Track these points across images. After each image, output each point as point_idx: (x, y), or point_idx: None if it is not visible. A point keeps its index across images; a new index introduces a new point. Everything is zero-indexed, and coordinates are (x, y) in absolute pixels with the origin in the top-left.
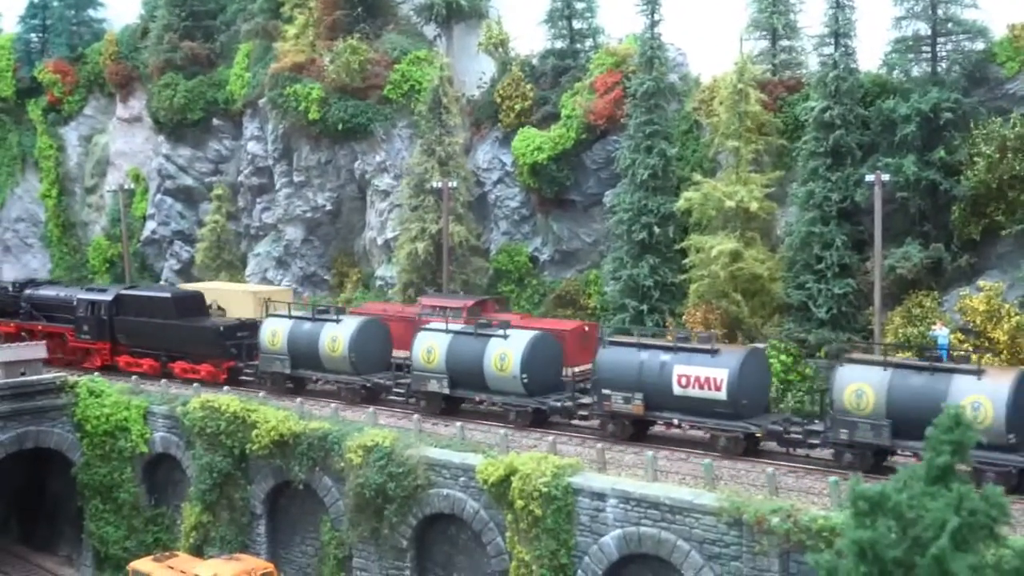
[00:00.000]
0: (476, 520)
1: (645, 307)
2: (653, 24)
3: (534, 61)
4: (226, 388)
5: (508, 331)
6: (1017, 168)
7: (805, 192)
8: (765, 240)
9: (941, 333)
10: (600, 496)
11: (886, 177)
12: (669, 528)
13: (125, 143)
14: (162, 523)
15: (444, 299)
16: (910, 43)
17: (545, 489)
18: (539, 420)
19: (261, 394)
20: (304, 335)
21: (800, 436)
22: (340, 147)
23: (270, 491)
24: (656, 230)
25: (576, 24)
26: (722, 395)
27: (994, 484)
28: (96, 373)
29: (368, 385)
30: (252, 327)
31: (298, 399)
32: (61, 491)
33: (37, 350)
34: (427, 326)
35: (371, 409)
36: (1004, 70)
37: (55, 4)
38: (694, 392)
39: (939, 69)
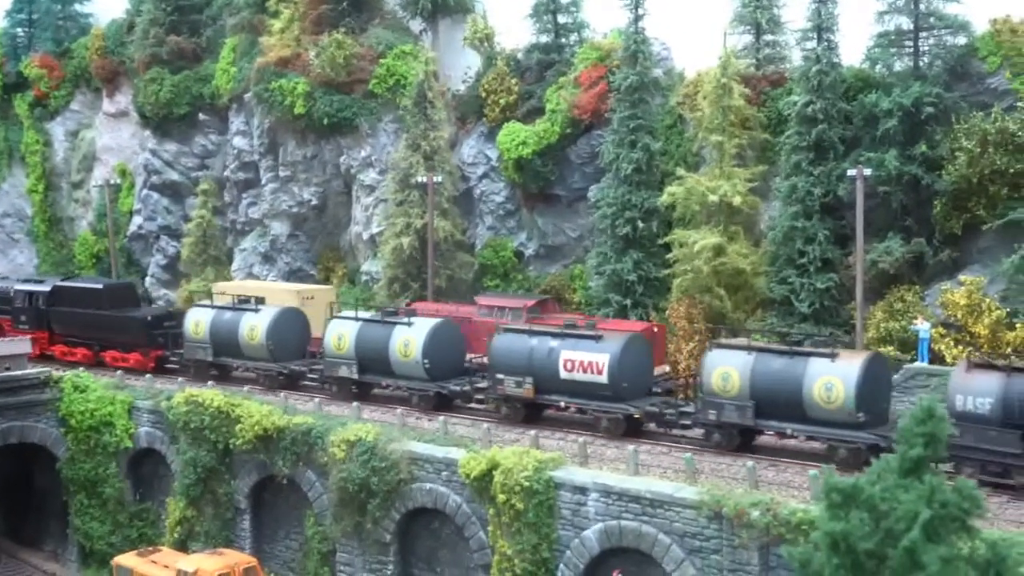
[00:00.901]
0: (459, 514)
1: (629, 302)
2: (637, 19)
3: (519, 56)
4: (148, 376)
5: (412, 319)
6: (998, 163)
7: (788, 186)
8: (748, 235)
9: (923, 327)
10: (582, 490)
11: (868, 172)
12: (650, 522)
13: (111, 138)
14: (147, 518)
15: (502, 299)
16: (892, 38)
17: (527, 483)
18: (442, 404)
19: (179, 380)
20: (225, 324)
21: (674, 417)
22: (326, 142)
23: (254, 486)
24: (640, 225)
25: (561, 18)
26: (603, 379)
27: (846, 459)
28: (82, 368)
29: (284, 372)
30: (179, 317)
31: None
32: (47, 486)
33: (21, 345)
34: (337, 315)
35: (355, 404)
36: (986, 65)
37: None
38: (579, 376)
39: (921, 64)
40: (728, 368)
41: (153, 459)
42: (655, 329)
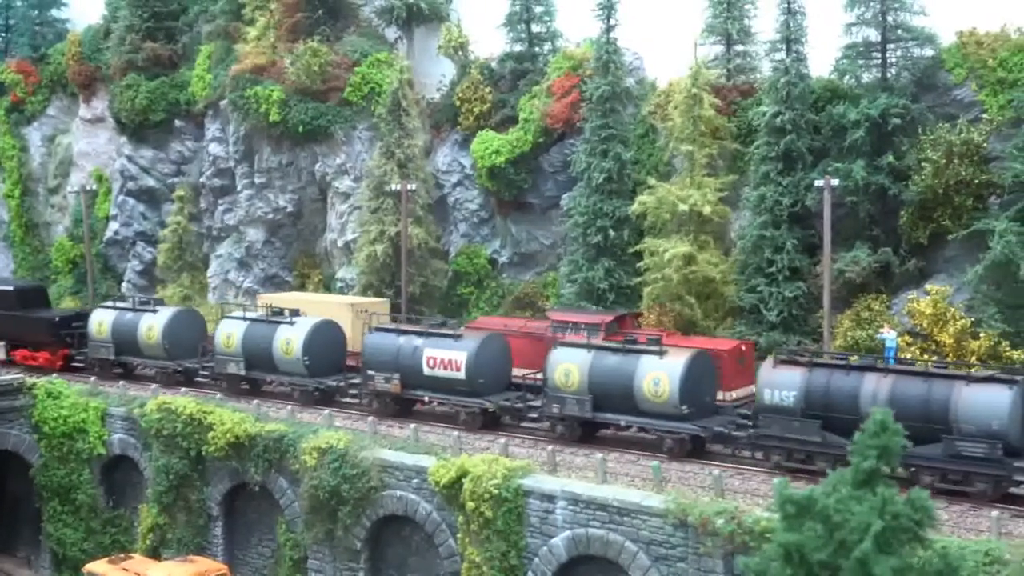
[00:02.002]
0: (429, 522)
1: (600, 309)
2: (609, 29)
3: (493, 64)
4: (55, 375)
5: (294, 318)
6: (963, 174)
7: (757, 196)
8: (718, 243)
9: (889, 336)
10: (550, 498)
11: (836, 182)
12: (617, 530)
13: (88, 144)
14: (120, 525)
15: (577, 314)
16: (860, 49)
17: (496, 491)
18: (323, 400)
19: (92, 379)
20: (126, 325)
21: (523, 410)
22: (301, 149)
23: (226, 493)
24: (611, 233)
25: (535, 28)
26: (461, 375)
27: (671, 449)
28: (55, 375)
29: (179, 370)
30: (86, 317)
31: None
32: (20, 493)
33: None
34: (226, 316)
35: (327, 411)
36: (952, 77)
37: (18, 4)
38: (440, 372)
39: (889, 75)
40: (569, 365)
41: (126, 466)
42: (743, 348)
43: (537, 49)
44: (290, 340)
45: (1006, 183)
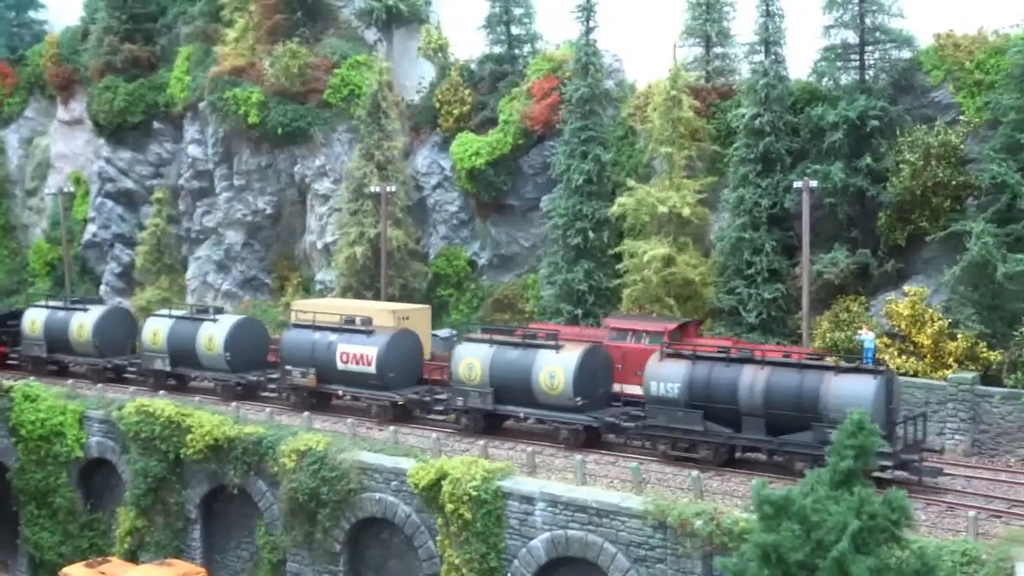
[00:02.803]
0: (408, 524)
1: (580, 311)
2: (588, 31)
3: (473, 66)
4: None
5: (217, 316)
6: (940, 175)
7: (736, 198)
8: (698, 245)
9: (867, 337)
10: (529, 500)
11: (814, 183)
12: (596, 531)
13: (66, 145)
14: (98, 528)
15: (637, 321)
16: (839, 51)
17: (475, 493)
18: (245, 394)
19: (31, 378)
20: (58, 322)
21: (430, 403)
22: (280, 151)
23: (205, 496)
24: (591, 235)
25: (514, 30)
26: (372, 369)
27: (567, 439)
28: (31, 378)
29: (109, 367)
30: (20, 316)
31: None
32: None
33: None
34: (153, 313)
35: (306, 414)
36: (930, 79)
37: None
38: (353, 367)
39: (867, 77)
40: (472, 359)
41: (104, 469)
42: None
43: (517, 51)
44: (212, 337)
45: (983, 185)
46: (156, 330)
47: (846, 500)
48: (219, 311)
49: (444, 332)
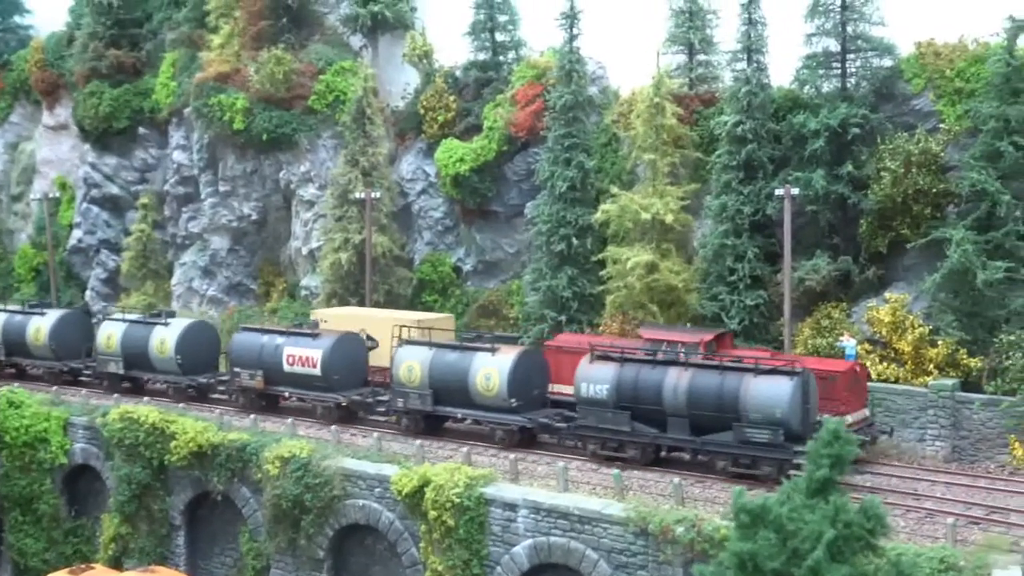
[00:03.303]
0: (391, 531)
1: (564, 318)
2: (572, 38)
3: (457, 73)
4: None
5: (169, 320)
6: (921, 183)
7: (718, 205)
8: (681, 252)
9: (849, 344)
10: (512, 506)
11: (796, 191)
12: (578, 538)
13: (51, 151)
14: (82, 534)
15: (673, 332)
16: (820, 59)
17: (458, 500)
18: (197, 396)
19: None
20: (15, 326)
21: (372, 404)
22: (265, 157)
23: (189, 502)
24: (575, 242)
25: (499, 36)
26: (317, 371)
27: (502, 439)
28: (16, 384)
29: (65, 369)
30: None
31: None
32: None
33: None
34: (107, 317)
35: (290, 420)
36: (910, 87)
37: None
38: (299, 369)
39: (848, 85)
40: (412, 362)
41: (88, 475)
42: (857, 369)
43: (501, 58)
44: (164, 340)
45: (963, 192)
46: (110, 334)
47: (821, 509)
48: (171, 315)
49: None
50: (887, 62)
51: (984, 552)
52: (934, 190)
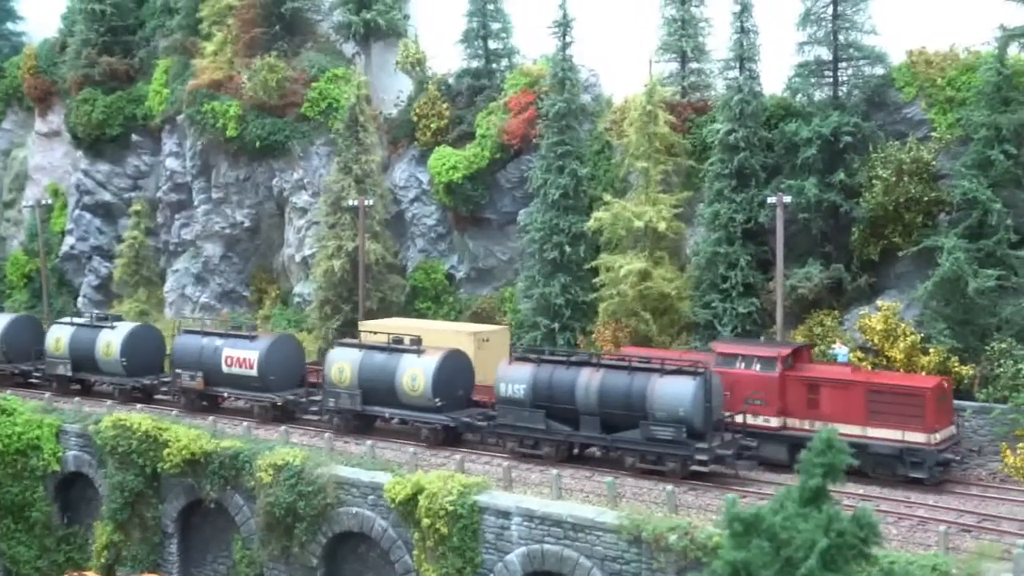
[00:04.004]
0: (384, 538)
1: (557, 325)
2: (565, 46)
3: (450, 80)
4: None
5: (115, 324)
6: (912, 191)
7: (711, 213)
8: (674, 259)
9: (841, 351)
10: (505, 514)
11: (788, 199)
12: (572, 545)
13: (44, 158)
14: (75, 542)
15: (748, 346)
16: (812, 68)
17: (451, 507)
18: (142, 397)
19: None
20: None
21: (305, 404)
22: (258, 164)
23: (182, 510)
24: (567, 249)
25: (492, 44)
26: (254, 372)
27: (427, 438)
28: (8, 392)
29: (16, 372)
30: None
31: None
32: None
33: None
34: (56, 321)
35: (283, 428)
36: (902, 95)
37: None
38: (236, 370)
39: (840, 93)
40: (343, 363)
41: (81, 483)
42: (944, 384)
43: (494, 65)
44: (110, 343)
45: (954, 200)
46: (59, 337)
47: (814, 518)
48: (117, 319)
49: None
50: (879, 70)
51: (976, 560)
52: (926, 198)
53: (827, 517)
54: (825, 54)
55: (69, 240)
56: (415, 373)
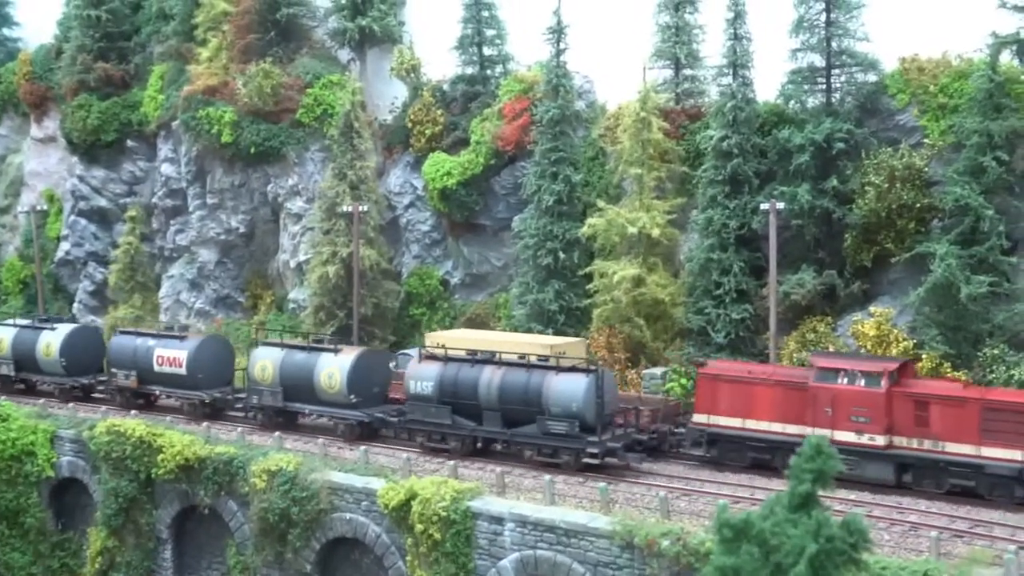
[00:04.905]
0: (378, 544)
1: (551, 331)
2: (559, 52)
3: (445, 87)
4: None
5: (56, 325)
6: (905, 198)
7: (704, 219)
8: (667, 266)
9: None
10: (498, 520)
11: (781, 205)
12: (565, 551)
13: (39, 163)
14: (69, 548)
15: (852, 360)
16: (806, 74)
17: (444, 513)
18: (81, 396)
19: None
20: None
21: (232, 401)
22: (253, 170)
23: (176, 515)
24: (561, 255)
25: (486, 51)
26: (183, 371)
27: (344, 433)
28: (3, 397)
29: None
30: None
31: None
32: None
33: None
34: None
35: (278, 434)
36: (895, 102)
37: None
38: (167, 369)
39: (833, 100)
40: (266, 361)
41: (75, 488)
42: None
43: (488, 72)
44: (50, 344)
45: (947, 207)
46: (2, 338)
47: (804, 524)
48: (59, 320)
49: (411, 351)
50: (871, 77)
51: (968, 565)
52: (918, 205)
53: (816, 523)
54: (818, 61)
55: (64, 246)
56: (332, 371)
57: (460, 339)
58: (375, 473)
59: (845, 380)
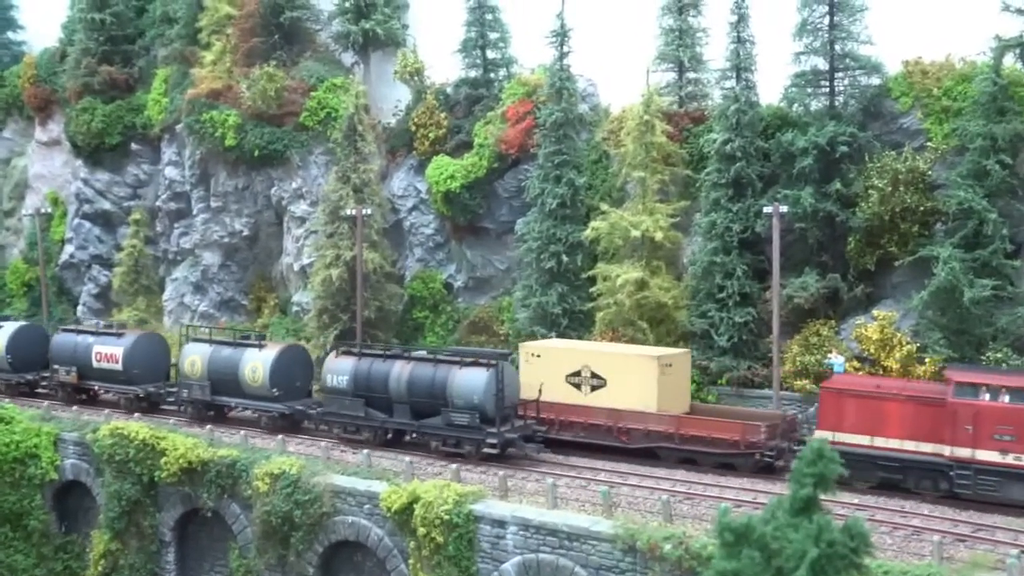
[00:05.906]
0: (380, 547)
1: (554, 334)
2: (562, 56)
3: (448, 90)
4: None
5: (2, 324)
6: (908, 201)
7: (708, 222)
8: (670, 269)
9: (837, 361)
10: (501, 523)
11: (784, 208)
12: (567, 555)
13: (43, 166)
14: (72, 551)
15: (992, 374)
16: (809, 78)
17: (447, 516)
18: (27, 392)
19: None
20: None
21: (164, 396)
22: (257, 173)
23: (179, 518)
24: (564, 259)
25: (490, 54)
26: (119, 366)
27: (267, 424)
28: (7, 400)
29: None
30: None
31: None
32: None
33: None
34: None
35: (280, 437)
36: (898, 105)
37: None
38: (105, 365)
39: (836, 103)
40: (195, 356)
41: (79, 491)
42: None
43: (492, 75)
44: None
45: (950, 210)
46: None
47: (805, 528)
48: (5, 319)
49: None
50: (875, 81)
51: (970, 570)
52: (921, 208)
53: (817, 527)
54: (821, 64)
55: (68, 249)
56: (255, 365)
57: (567, 350)
58: (378, 476)
59: (988, 396)
